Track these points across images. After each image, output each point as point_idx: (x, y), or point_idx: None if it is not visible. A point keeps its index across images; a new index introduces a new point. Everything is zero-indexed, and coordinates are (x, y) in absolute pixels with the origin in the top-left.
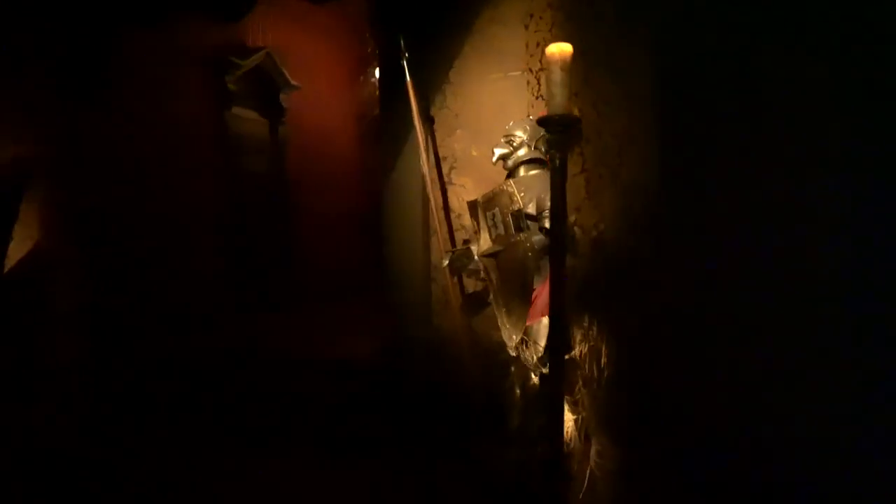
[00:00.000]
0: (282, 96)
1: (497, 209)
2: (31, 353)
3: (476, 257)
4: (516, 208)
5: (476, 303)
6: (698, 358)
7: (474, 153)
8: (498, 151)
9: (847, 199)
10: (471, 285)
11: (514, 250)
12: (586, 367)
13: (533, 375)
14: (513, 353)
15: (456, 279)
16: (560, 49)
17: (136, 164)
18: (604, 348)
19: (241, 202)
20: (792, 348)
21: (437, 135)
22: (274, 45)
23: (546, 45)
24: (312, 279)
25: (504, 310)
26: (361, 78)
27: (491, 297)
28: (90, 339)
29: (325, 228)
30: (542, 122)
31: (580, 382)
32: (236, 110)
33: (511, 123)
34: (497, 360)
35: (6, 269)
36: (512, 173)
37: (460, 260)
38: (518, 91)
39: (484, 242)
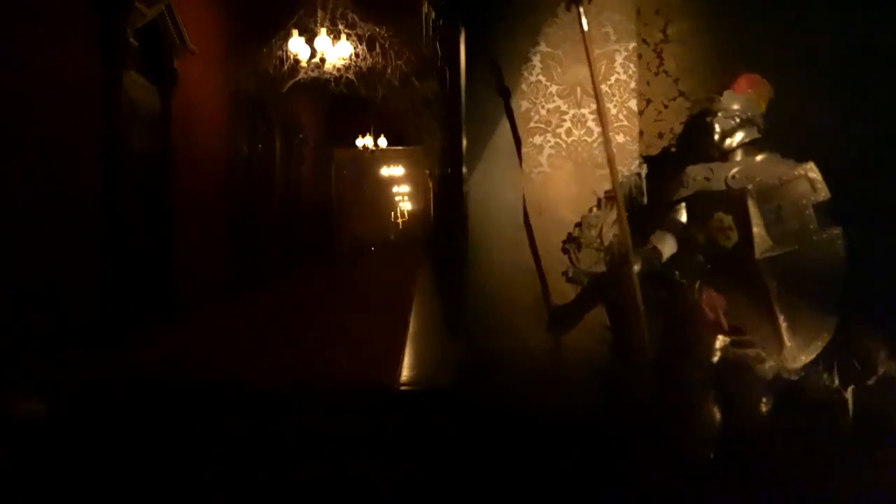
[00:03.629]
0: (175, 61)
1: (784, 200)
2: None
3: (662, 258)
4: (822, 197)
5: (568, 316)
6: None
7: (574, 135)
8: (720, 127)
9: None
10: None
11: (815, 250)
12: None
13: (764, 399)
14: (793, 378)
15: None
16: None
17: None
18: None
19: (124, 187)
20: None
21: (523, 113)
22: None
23: (668, 11)
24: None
25: (786, 324)
26: (265, 49)
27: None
28: None
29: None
30: None
31: None
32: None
33: (725, 95)
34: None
35: None
36: (724, 156)
37: (651, 262)
38: (626, 66)
39: (761, 241)
